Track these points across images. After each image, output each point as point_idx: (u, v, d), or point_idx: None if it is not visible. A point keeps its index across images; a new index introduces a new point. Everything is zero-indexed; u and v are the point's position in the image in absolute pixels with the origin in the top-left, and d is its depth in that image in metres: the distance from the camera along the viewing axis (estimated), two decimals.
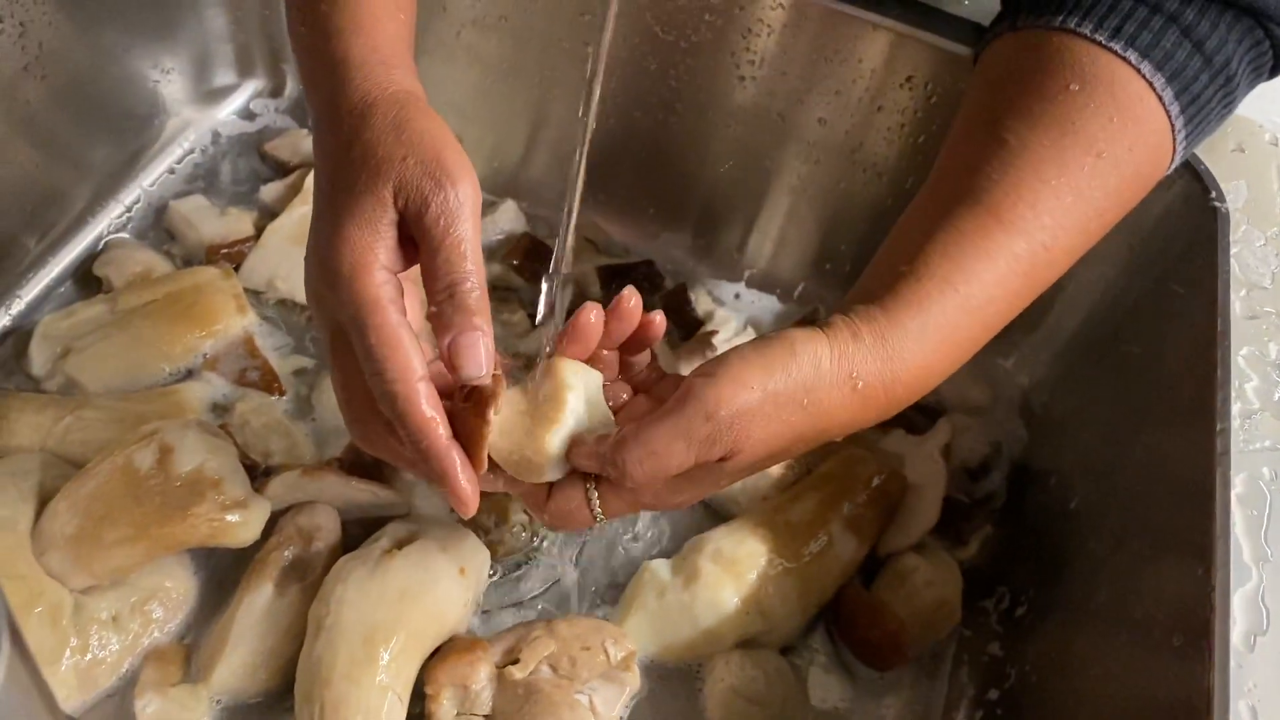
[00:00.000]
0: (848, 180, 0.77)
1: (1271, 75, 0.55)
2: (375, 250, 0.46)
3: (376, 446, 0.51)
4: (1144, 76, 0.51)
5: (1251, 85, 0.55)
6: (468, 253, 0.46)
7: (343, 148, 0.49)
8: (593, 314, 0.51)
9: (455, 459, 0.47)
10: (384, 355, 0.45)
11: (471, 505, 0.47)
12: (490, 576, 0.65)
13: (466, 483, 0.47)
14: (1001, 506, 0.73)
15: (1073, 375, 0.74)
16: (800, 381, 0.47)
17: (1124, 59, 0.51)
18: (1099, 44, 0.51)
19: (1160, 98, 0.51)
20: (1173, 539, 0.54)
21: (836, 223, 0.80)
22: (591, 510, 0.51)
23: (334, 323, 0.49)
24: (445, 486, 0.47)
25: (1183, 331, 0.62)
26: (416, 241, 0.47)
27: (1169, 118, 0.52)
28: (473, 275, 0.46)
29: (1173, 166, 0.55)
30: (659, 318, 0.53)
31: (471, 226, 0.47)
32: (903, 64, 0.71)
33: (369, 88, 0.50)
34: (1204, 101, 0.52)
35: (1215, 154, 0.67)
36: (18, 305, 0.74)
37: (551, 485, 0.51)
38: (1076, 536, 0.64)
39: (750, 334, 0.80)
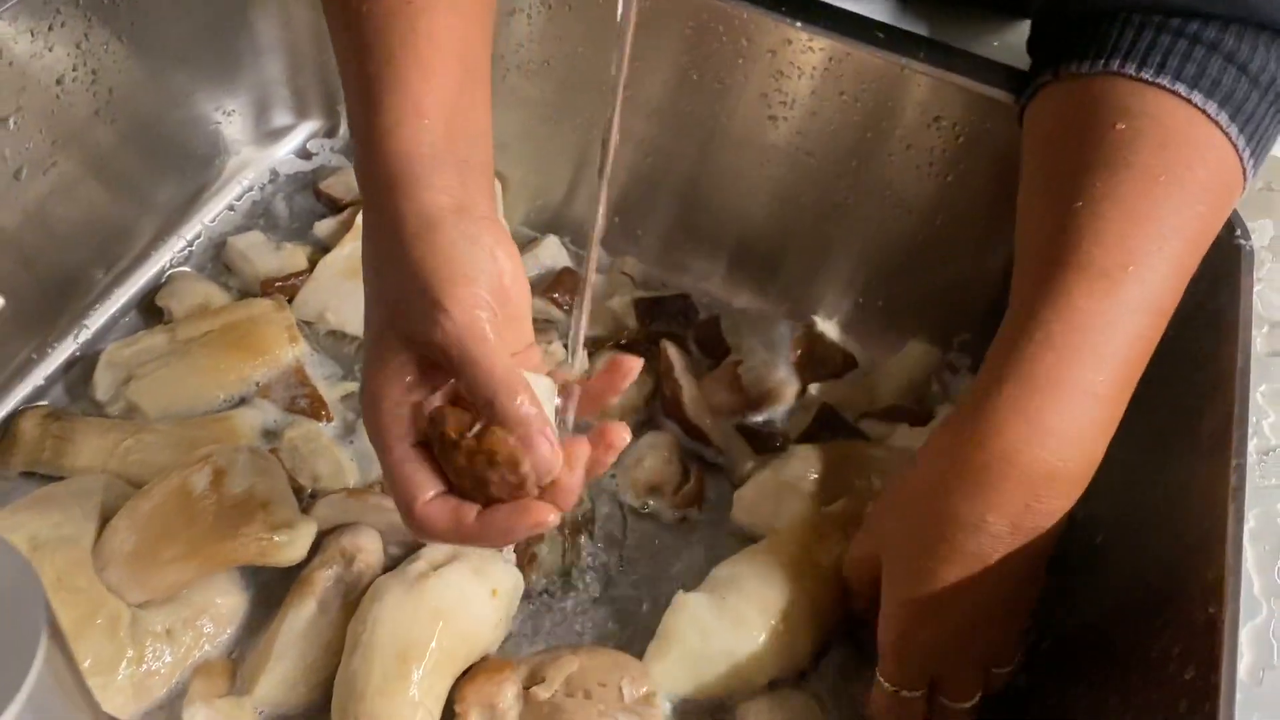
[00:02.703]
0: (878, 216, 0.79)
1: None
2: (390, 391, 0.48)
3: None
4: (1193, 104, 0.52)
5: None
6: (494, 371, 0.46)
7: (366, 280, 0.52)
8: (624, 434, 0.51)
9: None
10: (391, 484, 0.49)
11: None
12: (521, 600, 0.67)
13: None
14: None
15: None
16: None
17: (1171, 91, 0.52)
18: (1144, 81, 0.52)
19: (1205, 112, 0.52)
20: (1188, 573, 0.54)
21: (868, 257, 0.82)
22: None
23: None
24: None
25: (1203, 367, 0.62)
26: (448, 373, 0.48)
27: (1222, 129, 0.53)
28: (503, 387, 0.46)
29: (1249, 177, 0.56)
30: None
31: (483, 346, 0.46)
32: (931, 105, 0.72)
33: (379, 218, 0.50)
34: (1255, 115, 0.54)
35: None
36: (85, 334, 0.78)
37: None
38: (1100, 571, 0.64)
39: (775, 360, 0.82)
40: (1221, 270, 0.65)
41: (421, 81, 0.52)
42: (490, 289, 0.47)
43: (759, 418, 0.79)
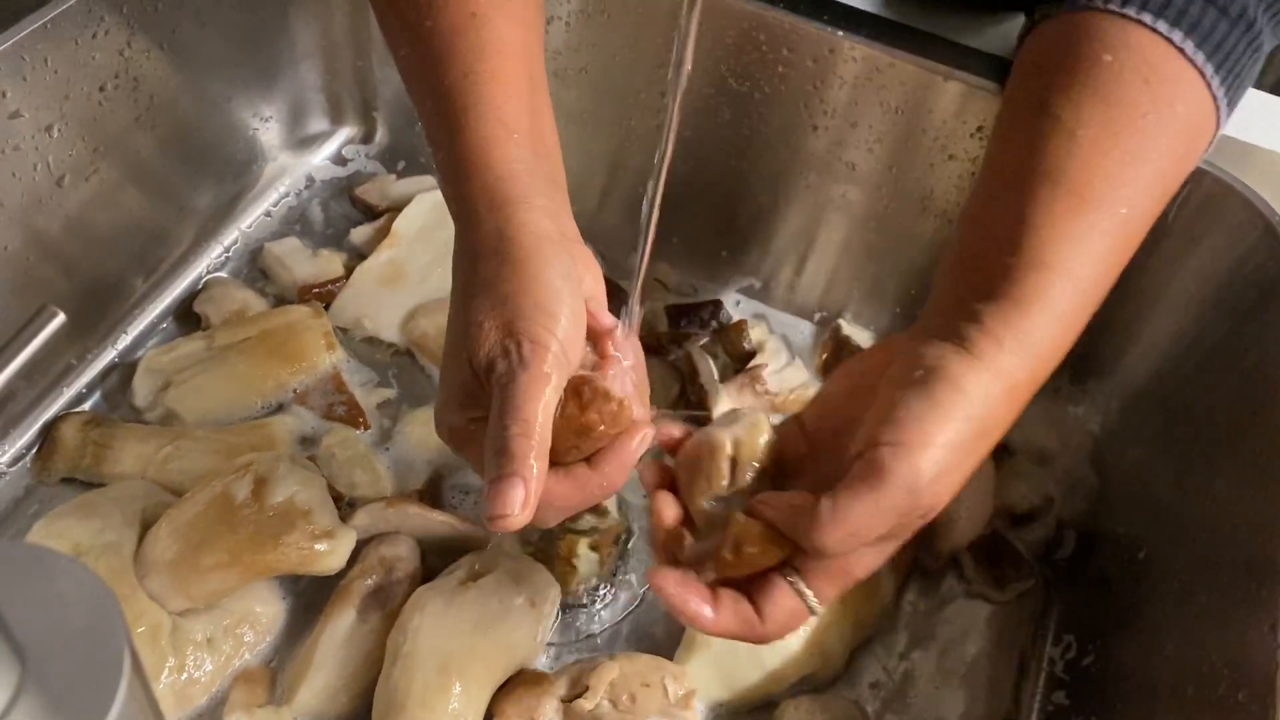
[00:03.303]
0: (919, 225, 0.78)
1: None
2: (455, 410, 0.51)
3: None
4: (1163, 35, 0.52)
5: (1276, 34, 0.56)
6: (520, 406, 0.47)
7: (453, 299, 0.52)
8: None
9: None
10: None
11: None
12: (559, 611, 0.67)
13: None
14: (1058, 560, 0.73)
15: (1143, 424, 0.73)
16: (977, 419, 0.47)
17: (1143, 24, 0.52)
18: (1124, 16, 0.53)
19: (1182, 51, 0.52)
20: (1240, 593, 0.54)
21: (909, 266, 0.81)
22: (808, 604, 0.50)
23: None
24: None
25: (1255, 383, 0.62)
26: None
27: (1198, 68, 0.53)
28: (512, 426, 0.46)
29: (1222, 118, 0.56)
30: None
31: (527, 384, 0.47)
32: (973, 114, 0.72)
33: (476, 239, 0.51)
34: (1230, 50, 0.54)
35: None
36: (124, 340, 0.79)
37: (752, 593, 0.50)
38: (1144, 587, 0.64)
39: (799, 365, 0.81)
40: (1272, 283, 0.65)
41: (501, 94, 0.53)
42: (574, 321, 0.49)
43: None
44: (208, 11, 0.77)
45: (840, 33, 0.71)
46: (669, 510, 0.53)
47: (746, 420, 0.54)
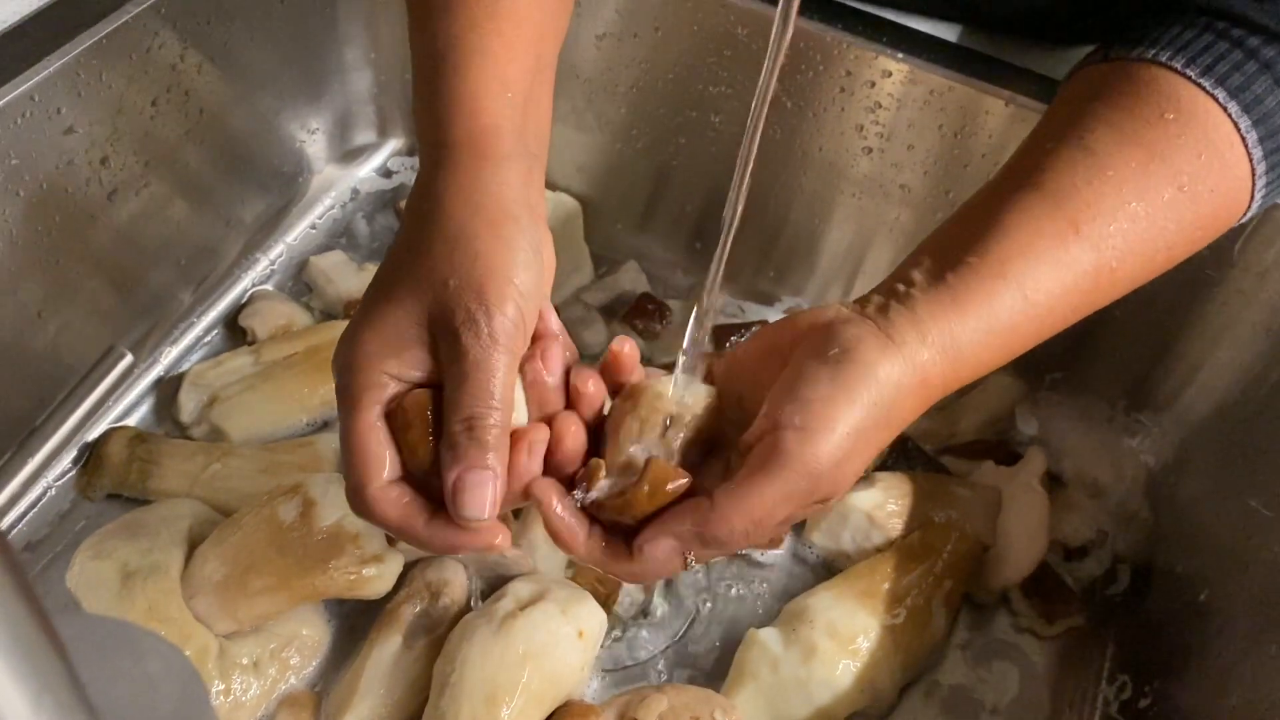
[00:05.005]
0: None
1: None
2: (384, 360, 0.46)
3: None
4: (1231, 118, 0.50)
5: None
6: (495, 390, 0.44)
7: (406, 241, 0.48)
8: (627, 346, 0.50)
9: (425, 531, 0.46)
10: (351, 451, 0.45)
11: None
12: (605, 640, 0.66)
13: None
14: (1112, 596, 0.71)
15: (1203, 460, 0.72)
16: (883, 405, 0.45)
17: (1213, 97, 0.50)
18: (1191, 79, 0.51)
19: (1245, 141, 0.50)
20: None
21: None
22: (686, 560, 0.48)
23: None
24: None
25: None
26: (445, 366, 0.46)
27: (1251, 163, 0.51)
28: (496, 412, 0.44)
29: (1248, 216, 0.54)
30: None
31: (503, 362, 0.45)
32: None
33: (449, 183, 0.48)
34: None
35: None
36: (170, 354, 0.78)
37: (636, 541, 0.48)
38: (1206, 631, 0.62)
39: None
40: None
41: (505, 54, 0.51)
42: (536, 301, 0.47)
43: None
44: (258, 25, 0.77)
45: (900, 55, 0.70)
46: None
47: (702, 392, 0.50)
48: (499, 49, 0.51)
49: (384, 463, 0.46)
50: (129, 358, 0.37)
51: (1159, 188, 0.49)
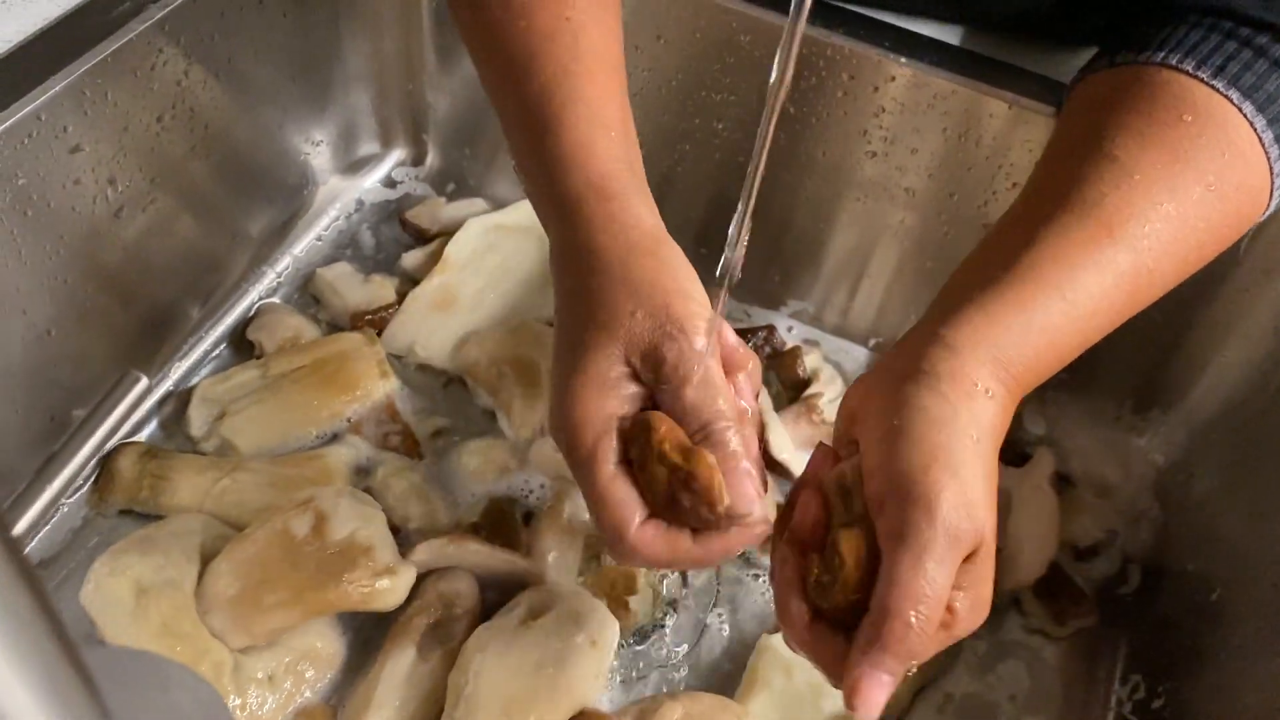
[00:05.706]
0: None
1: None
2: (604, 406, 0.47)
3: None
4: (1246, 117, 0.51)
5: None
6: (716, 396, 0.46)
7: (574, 295, 0.49)
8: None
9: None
10: (601, 506, 0.47)
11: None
12: (618, 649, 0.66)
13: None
14: (1123, 596, 0.71)
15: (1212, 458, 0.72)
16: (973, 435, 0.44)
17: (1227, 98, 0.51)
18: (1204, 81, 0.51)
19: (1261, 140, 0.51)
20: None
21: None
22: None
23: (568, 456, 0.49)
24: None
25: None
26: (654, 390, 0.47)
27: (1269, 160, 0.51)
28: (723, 413, 0.46)
29: (1268, 213, 0.54)
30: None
31: (711, 367, 0.47)
32: (1036, 140, 0.70)
33: (590, 230, 0.49)
34: None
35: None
36: (179, 369, 0.78)
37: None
38: (1219, 631, 0.62)
39: None
40: None
41: (598, 95, 0.52)
42: (708, 307, 0.48)
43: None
44: (261, 39, 0.77)
45: (902, 59, 0.70)
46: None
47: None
48: (594, 94, 0.52)
49: (634, 506, 0.47)
50: (144, 381, 0.38)
51: (1187, 187, 0.50)
